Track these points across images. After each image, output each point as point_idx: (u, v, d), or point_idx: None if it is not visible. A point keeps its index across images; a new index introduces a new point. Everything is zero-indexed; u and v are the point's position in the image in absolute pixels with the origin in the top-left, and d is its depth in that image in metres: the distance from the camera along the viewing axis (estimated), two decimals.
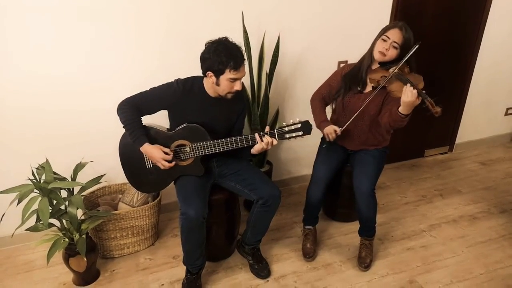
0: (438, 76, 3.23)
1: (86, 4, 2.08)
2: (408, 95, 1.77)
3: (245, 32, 2.34)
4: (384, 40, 1.94)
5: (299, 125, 1.82)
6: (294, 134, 1.83)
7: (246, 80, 2.48)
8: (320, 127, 2.14)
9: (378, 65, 2.02)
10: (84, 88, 2.24)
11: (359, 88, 2.08)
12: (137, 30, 2.22)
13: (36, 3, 2.00)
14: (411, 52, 1.87)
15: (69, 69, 2.18)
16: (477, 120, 3.62)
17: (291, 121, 1.83)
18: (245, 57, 1.81)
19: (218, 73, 1.78)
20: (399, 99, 1.83)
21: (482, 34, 3.21)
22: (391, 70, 1.92)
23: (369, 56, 2.04)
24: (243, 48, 1.82)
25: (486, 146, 3.77)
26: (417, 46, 1.86)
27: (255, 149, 1.87)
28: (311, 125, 1.83)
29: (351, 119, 2.04)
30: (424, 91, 1.82)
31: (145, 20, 2.22)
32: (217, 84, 1.82)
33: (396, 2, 2.78)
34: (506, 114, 3.74)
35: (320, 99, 2.24)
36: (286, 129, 1.83)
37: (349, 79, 2.11)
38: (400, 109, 1.86)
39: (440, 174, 3.28)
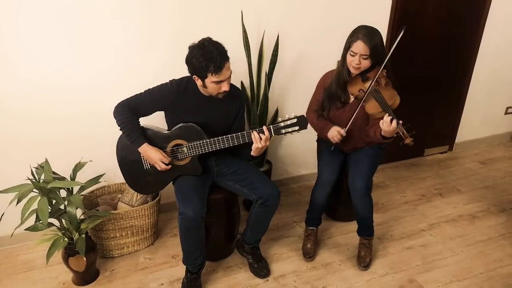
0: (438, 75, 3.23)
1: (87, 12, 2.08)
2: (386, 125, 1.82)
3: (244, 31, 2.34)
4: (352, 55, 1.91)
5: (294, 120, 1.81)
6: (290, 129, 1.82)
7: (245, 80, 2.49)
8: (324, 133, 2.11)
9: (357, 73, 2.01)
10: (84, 90, 2.25)
11: (343, 100, 2.08)
12: (135, 33, 2.22)
13: (38, 6, 2.00)
14: (378, 73, 1.89)
15: (70, 71, 2.18)
16: (477, 119, 3.62)
17: (287, 116, 1.82)
18: (228, 57, 1.77)
19: (202, 77, 1.78)
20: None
21: (482, 33, 3.21)
22: (366, 84, 1.93)
23: (343, 68, 2.00)
24: (226, 47, 1.78)
25: (486, 145, 3.77)
26: (382, 67, 1.89)
27: (253, 151, 1.87)
28: (306, 120, 1.82)
29: (350, 122, 2.02)
30: (399, 122, 1.82)
31: (145, 24, 2.22)
32: (205, 86, 1.83)
33: (395, 2, 2.78)
34: (506, 113, 3.74)
35: (313, 112, 2.24)
36: (282, 124, 1.82)
37: (329, 96, 2.11)
38: (382, 133, 1.91)
39: (440, 173, 3.28)
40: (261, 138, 1.81)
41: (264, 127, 1.81)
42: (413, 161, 3.49)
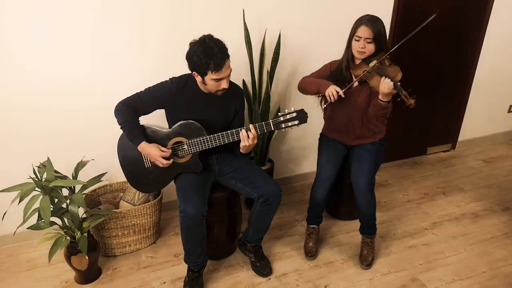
0: (440, 73, 3.22)
1: (88, 4, 2.08)
2: (385, 87, 1.87)
3: (246, 29, 2.33)
4: (357, 40, 1.99)
5: (294, 114, 1.80)
6: (290, 124, 1.81)
7: (247, 78, 2.48)
8: (320, 88, 2.06)
9: (361, 60, 2.07)
10: (86, 87, 2.24)
11: (347, 84, 2.09)
12: (138, 28, 2.22)
13: (38, 3, 1.99)
14: (388, 53, 1.95)
15: (70, 68, 2.18)
16: (480, 117, 3.60)
17: (286, 110, 1.82)
18: (229, 54, 1.77)
19: (201, 74, 1.79)
20: None
21: (485, 31, 3.19)
22: (371, 64, 1.99)
23: (348, 55, 2.08)
24: (228, 44, 1.78)
25: (489, 144, 3.75)
26: (394, 48, 1.93)
27: (241, 148, 1.87)
28: (306, 114, 1.82)
29: (350, 85, 2.03)
30: (399, 83, 1.92)
31: (147, 19, 2.21)
32: (204, 83, 1.83)
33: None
34: (509, 111, 3.72)
35: (309, 76, 2.21)
36: (282, 118, 1.81)
37: (334, 79, 2.13)
38: (379, 97, 1.94)
39: (443, 172, 3.27)
40: (248, 136, 1.81)
41: (251, 125, 1.81)
42: (415, 159, 3.48)
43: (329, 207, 2.66)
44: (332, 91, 1.98)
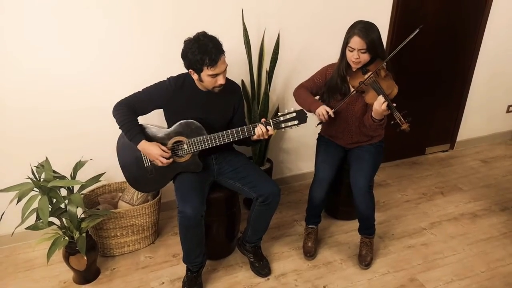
0: (439, 74, 3.22)
1: (87, 4, 2.07)
2: (379, 104, 1.86)
3: (245, 29, 2.33)
4: (351, 51, 1.93)
5: (294, 114, 1.81)
6: (289, 124, 1.82)
7: (246, 78, 2.48)
8: (311, 108, 2.06)
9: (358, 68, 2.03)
10: (84, 87, 2.24)
11: (343, 92, 2.08)
12: (138, 28, 2.21)
13: (36, 1, 1.99)
14: (383, 63, 1.90)
15: (69, 68, 2.17)
16: (478, 117, 3.60)
17: (286, 110, 1.83)
18: (223, 50, 1.78)
19: (197, 71, 1.79)
20: None
21: (483, 30, 3.19)
22: (366, 76, 1.95)
23: (343, 63, 2.03)
24: (226, 45, 1.80)
25: (487, 144, 3.76)
26: (385, 61, 1.90)
27: (255, 139, 1.89)
28: (306, 114, 1.83)
29: (341, 103, 2.04)
30: (395, 104, 1.88)
31: (147, 19, 2.21)
32: (200, 80, 1.83)
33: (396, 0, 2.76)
34: (508, 111, 3.73)
35: (303, 88, 2.21)
36: (282, 118, 1.82)
37: (328, 89, 2.11)
38: (372, 113, 1.93)
39: (441, 172, 3.27)
40: (267, 130, 1.83)
41: (264, 121, 1.83)
42: (414, 159, 3.49)
43: (327, 207, 2.66)
44: (322, 111, 2.00)
